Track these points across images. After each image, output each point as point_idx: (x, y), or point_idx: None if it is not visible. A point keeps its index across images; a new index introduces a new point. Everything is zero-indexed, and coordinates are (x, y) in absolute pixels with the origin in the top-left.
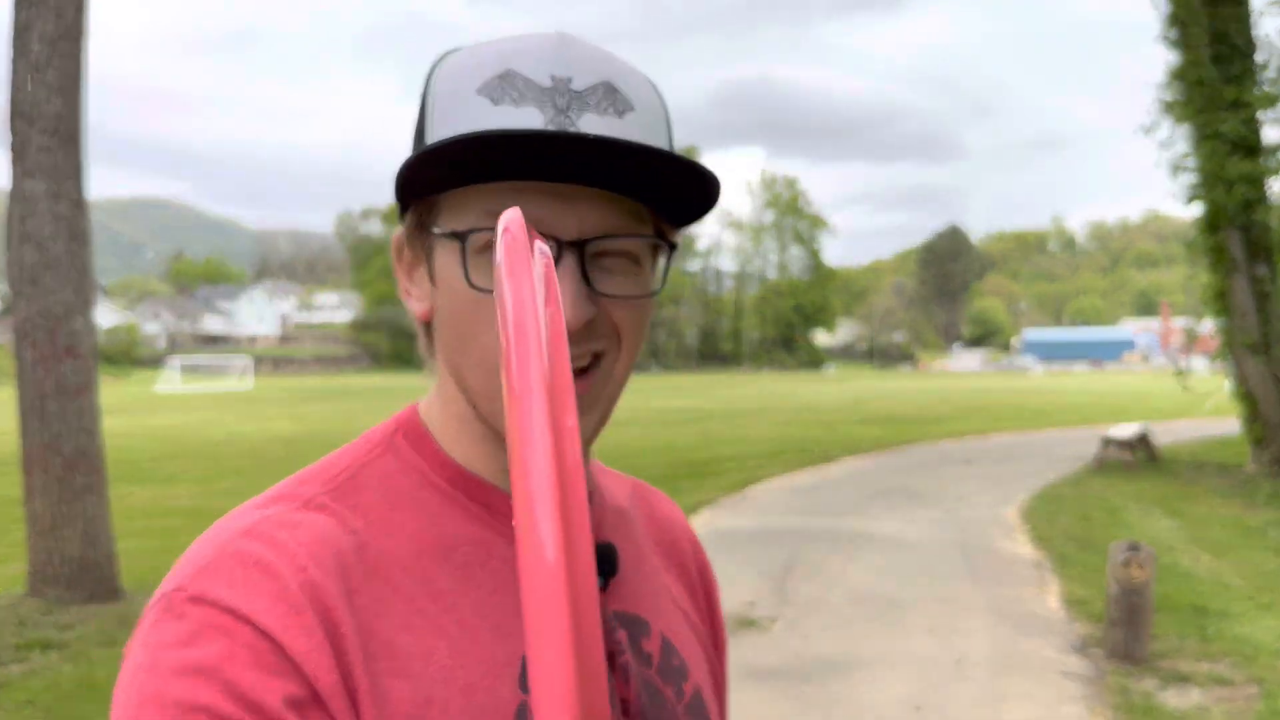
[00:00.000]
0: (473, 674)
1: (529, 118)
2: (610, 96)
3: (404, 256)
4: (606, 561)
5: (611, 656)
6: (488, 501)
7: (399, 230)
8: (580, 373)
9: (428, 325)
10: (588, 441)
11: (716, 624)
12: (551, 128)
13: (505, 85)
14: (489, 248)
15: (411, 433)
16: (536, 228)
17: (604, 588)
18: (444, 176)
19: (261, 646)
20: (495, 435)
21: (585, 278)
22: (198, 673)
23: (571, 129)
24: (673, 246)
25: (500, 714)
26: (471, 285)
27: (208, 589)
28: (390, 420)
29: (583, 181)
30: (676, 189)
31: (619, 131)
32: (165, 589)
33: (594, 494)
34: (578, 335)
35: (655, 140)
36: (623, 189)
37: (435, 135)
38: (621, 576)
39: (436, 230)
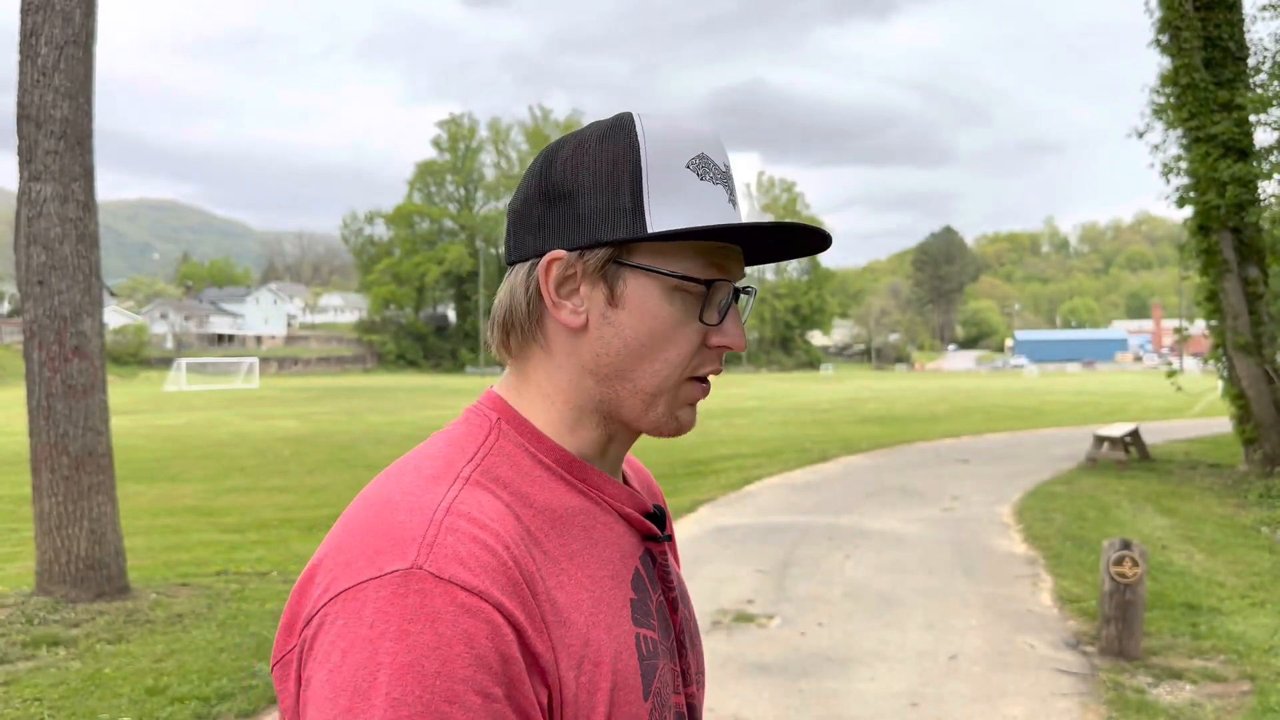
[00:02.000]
0: (607, 615)
1: (720, 194)
2: (733, 180)
3: (561, 275)
4: (662, 519)
5: (669, 590)
6: (585, 477)
7: (559, 253)
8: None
9: (508, 333)
10: (691, 425)
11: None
12: (730, 204)
13: (704, 166)
14: (687, 289)
15: (512, 420)
16: (727, 277)
17: (669, 539)
18: (665, 238)
19: (511, 635)
20: (603, 425)
21: None
22: (472, 656)
23: (736, 205)
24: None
25: (628, 643)
26: (702, 321)
27: (445, 568)
28: (478, 410)
29: (747, 246)
30: (785, 247)
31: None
32: (388, 564)
33: (629, 474)
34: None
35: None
36: (772, 255)
37: (653, 196)
38: None
39: (662, 270)
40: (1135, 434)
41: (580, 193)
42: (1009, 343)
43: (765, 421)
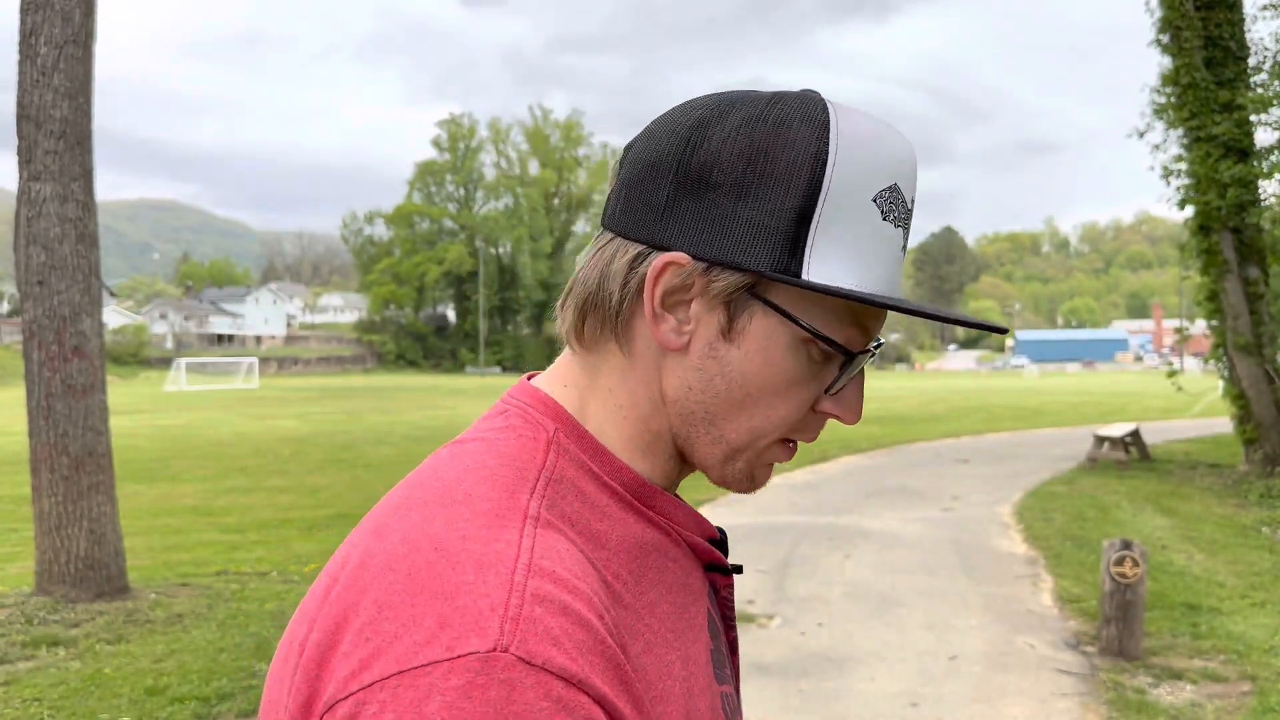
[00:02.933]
0: (700, 679)
1: (896, 240)
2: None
3: (680, 289)
4: (727, 545)
5: (729, 631)
6: (655, 504)
7: (680, 257)
8: None
9: (582, 311)
10: (764, 484)
11: None
12: (901, 250)
13: (893, 202)
14: (815, 344)
15: (573, 433)
16: (868, 344)
17: (739, 571)
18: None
19: None
20: (677, 457)
21: None
22: None
23: (904, 252)
24: None
25: (717, 707)
26: (828, 393)
27: (538, 651)
28: (527, 414)
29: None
30: None
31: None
32: (463, 643)
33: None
34: None
35: None
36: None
37: (823, 228)
38: None
39: (796, 318)
40: (1135, 434)
41: (733, 189)
42: (1009, 343)
43: None
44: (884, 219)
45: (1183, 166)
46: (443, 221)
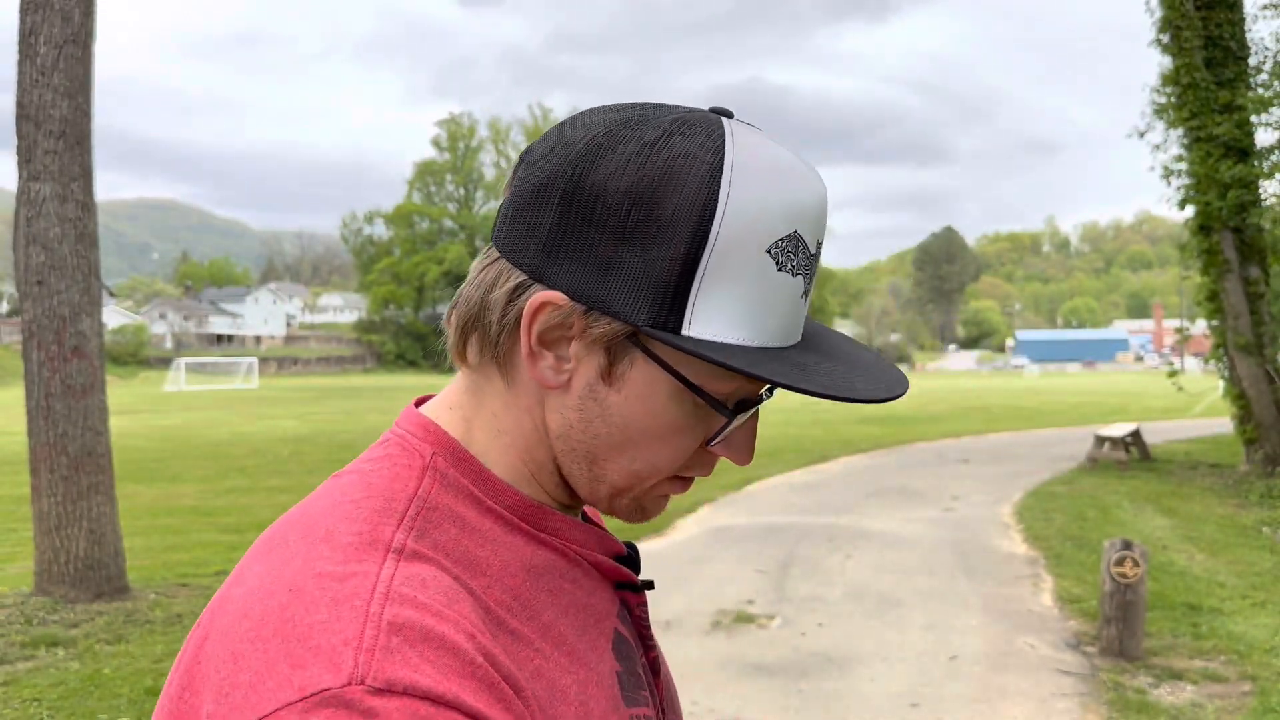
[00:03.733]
0: (602, 703)
1: (795, 289)
2: (819, 261)
3: (551, 322)
4: (637, 561)
5: (649, 651)
6: (547, 525)
7: (556, 296)
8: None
9: (467, 338)
10: (658, 514)
11: None
12: (803, 299)
13: (791, 251)
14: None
15: (453, 455)
16: (757, 391)
17: (651, 586)
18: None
19: None
20: (565, 485)
21: None
22: None
23: (808, 296)
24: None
25: None
26: (707, 444)
27: (394, 678)
28: (404, 441)
29: None
30: None
31: None
32: (311, 681)
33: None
34: None
35: None
36: None
37: (710, 276)
38: None
39: (676, 371)
40: (1136, 434)
41: (615, 232)
42: (1010, 343)
43: (765, 421)
44: (779, 269)
45: (1183, 166)
46: (442, 221)
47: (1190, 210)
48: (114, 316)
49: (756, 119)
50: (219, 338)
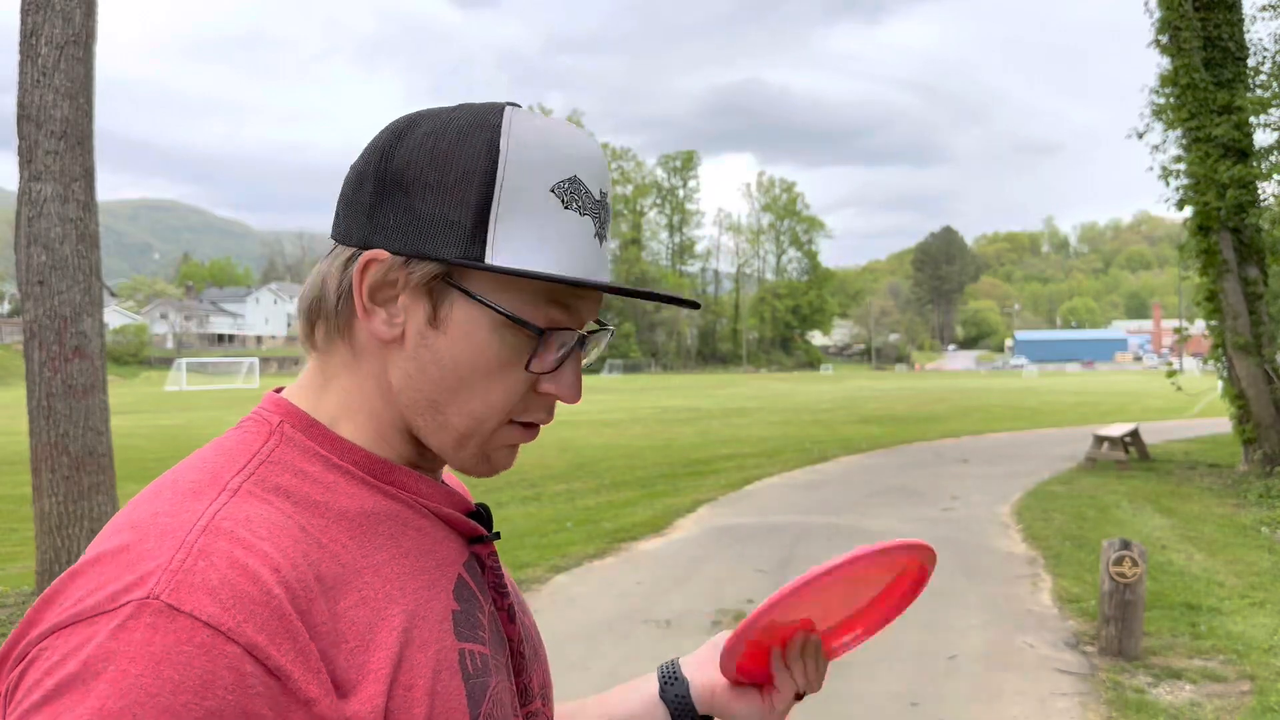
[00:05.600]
0: (424, 631)
1: (586, 228)
2: (609, 209)
3: (378, 278)
4: (489, 518)
5: (503, 598)
6: (394, 479)
7: (379, 254)
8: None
9: (314, 323)
10: (506, 467)
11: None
12: (597, 238)
13: (573, 192)
14: (529, 337)
15: (298, 422)
16: (574, 323)
17: (498, 537)
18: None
19: (260, 689)
20: (414, 444)
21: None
22: (203, 711)
23: (605, 239)
24: (612, 331)
25: (449, 660)
26: (529, 370)
27: (186, 598)
28: (260, 414)
29: (611, 293)
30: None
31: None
32: (125, 594)
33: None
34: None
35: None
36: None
37: (503, 219)
38: None
39: (491, 303)
40: (1135, 434)
41: (420, 190)
42: (1009, 343)
43: (765, 421)
44: (565, 207)
45: (1182, 167)
46: None
47: (1189, 211)
48: (115, 317)
49: (756, 119)
50: (220, 338)
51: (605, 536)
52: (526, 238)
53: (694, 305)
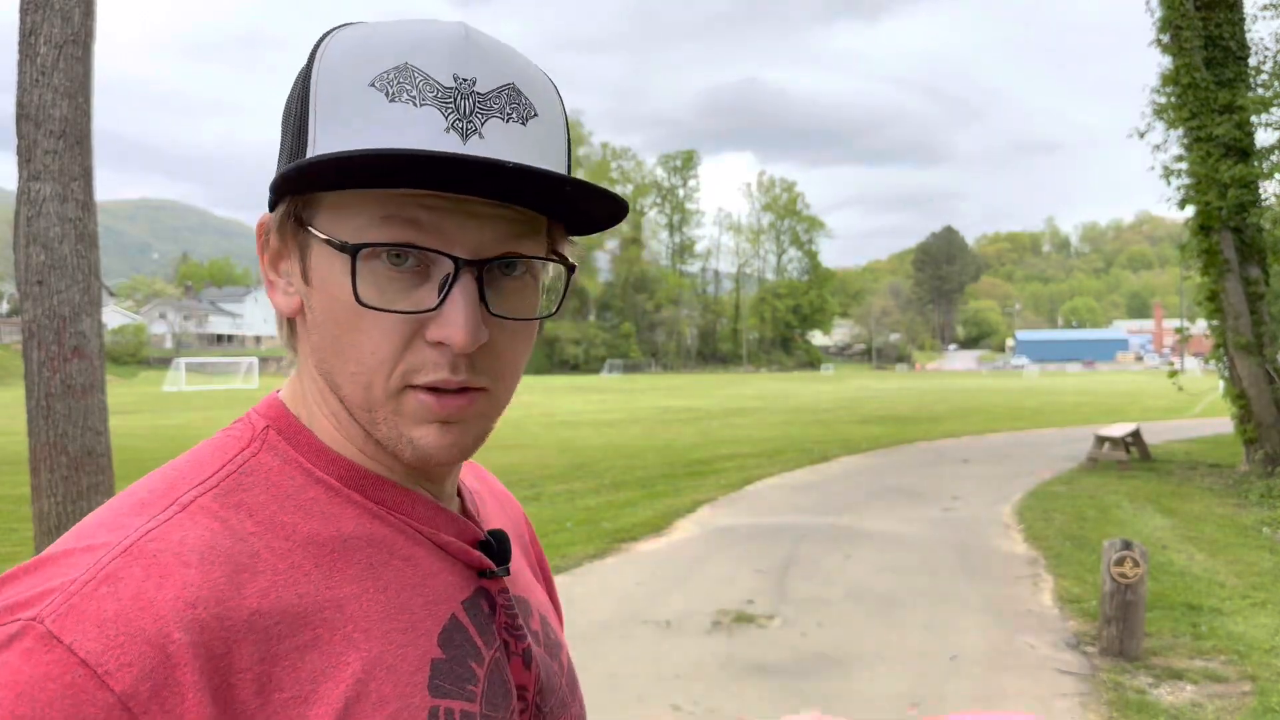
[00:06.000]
0: (388, 685)
1: (429, 119)
2: (515, 101)
3: (271, 245)
4: (503, 548)
5: (518, 641)
6: (382, 498)
7: (266, 216)
8: (462, 391)
9: (291, 320)
10: (466, 455)
11: (549, 581)
12: (454, 133)
13: (403, 80)
14: (377, 257)
15: (286, 428)
16: (432, 243)
17: (506, 573)
18: (329, 180)
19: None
20: (371, 436)
21: (482, 299)
22: None
23: (474, 135)
24: (571, 269)
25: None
26: (360, 302)
27: (70, 627)
28: (250, 415)
29: (484, 195)
30: (581, 206)
31: (521, 140)
32: (25, 602)
33: (467, 491)
34: (469, 358)
35: (555, 147)
36: (526, 205)
37: (320, 126)
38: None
39: (319, 233)
40: (1136, 434)
41: (282, 139)
42: (1009, 343)
43: (766, 421)
44: (391, 100)
45: (1183, 167)
46: None
47: (1190, 210)
48: (114, 316)
49: (756, 118)
50: (219, 337)
51: (605, 537)
52: (349, 137)
53: (617, 199)
